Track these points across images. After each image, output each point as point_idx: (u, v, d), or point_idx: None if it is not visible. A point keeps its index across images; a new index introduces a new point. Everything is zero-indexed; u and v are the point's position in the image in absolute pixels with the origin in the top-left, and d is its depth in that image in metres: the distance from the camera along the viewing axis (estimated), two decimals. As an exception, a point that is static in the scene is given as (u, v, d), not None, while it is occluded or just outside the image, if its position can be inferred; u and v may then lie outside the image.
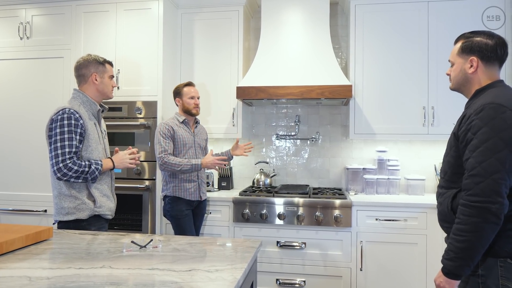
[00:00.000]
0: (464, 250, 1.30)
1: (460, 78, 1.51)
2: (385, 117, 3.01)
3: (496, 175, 1.27)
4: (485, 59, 1.45)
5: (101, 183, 2.02)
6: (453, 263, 1.32)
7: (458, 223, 1.32)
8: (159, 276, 1.18)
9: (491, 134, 1.29)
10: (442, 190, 1.50)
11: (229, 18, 3.20)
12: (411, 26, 2.97)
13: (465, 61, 1.48)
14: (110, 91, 2.11)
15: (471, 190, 1.30)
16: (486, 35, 1.46)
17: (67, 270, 1.23)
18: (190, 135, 2.71)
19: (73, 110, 1.92)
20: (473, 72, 1.47)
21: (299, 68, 3.00)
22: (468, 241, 1.29)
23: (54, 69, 3.12)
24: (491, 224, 1.27)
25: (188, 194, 2.63)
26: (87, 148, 1.96)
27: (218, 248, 1.52)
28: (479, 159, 1.29)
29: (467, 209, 1.30)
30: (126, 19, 3.03)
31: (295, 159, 3.48)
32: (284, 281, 2.77)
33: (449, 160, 1.47)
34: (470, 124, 1.35)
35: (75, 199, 1.93)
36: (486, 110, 1.32)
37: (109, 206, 2.04)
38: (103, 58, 2.10)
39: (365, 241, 2.71)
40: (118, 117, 3.00)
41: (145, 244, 1.50)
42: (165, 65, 3.04)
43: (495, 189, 1.26)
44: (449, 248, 1.34)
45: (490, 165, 1.27)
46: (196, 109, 2.70)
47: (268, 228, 2.82)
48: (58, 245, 1.53)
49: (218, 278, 1.17)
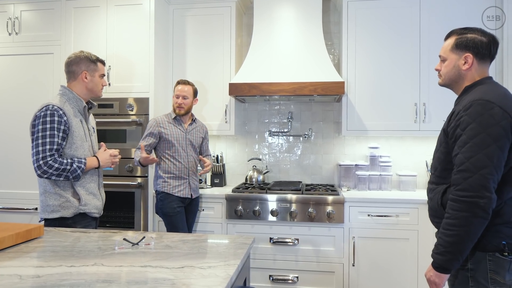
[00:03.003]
0: (453, 244, 1.31)
1: (453, 74, 1.51)
2: (377, 113, 3.03)
3: (484, 170, 1.28)
4: (479, 56, 1.45)
5: (88, 181, 1.98)
6: (443, 257, 1.34)
7: (448, 218, 1.34)
8: (151, 273, 1.18)
9: (479, 130, 1.30)
10: (432, 186, 1.52)
11: (221, 14, 3.18)
12: (403, 23, 2.98)
13: (459, 58, 1.48)
14: (100, 90, 2.08)
15: (460, 185, 1.31)
16: (479, 32, 1.46)
17: (58, 268, 1.22)
18: (182, 132, 2.68)
19: (57, 107, 1.88)
20: (467, 69, 1.47)
21: (291, 65, 3.00)
22: (457, 235, 1.30)
23: (44, 65, 3.08)
24: (480, 218, 1.28)
25: (178, 191, 2.62)
26: (71, 146, 1.92)
27: (211, 245, 1.52)
28: (467, 155, 1.31)
29: (456, 204, 1.32)
30: (117, 15, 3.00)
31: (288, 156, 3.48)
32: (277, 277, 2.78)
33: (439, 156, 1.48)
34: (459, 120, 1.36)
35: (60, 197, 1.90)
36: (474, 106, 1.33)
37: (95, 204, 2.01)
38: (96, 56, 2.07)
39: (358, 237, 2.73)
40: (109, 114, 2.97)
41: (137, 241, 1.49)
42: (157, 62, 3.02)
43: (484, 184, 1.28)
44: (439, 243, 1.36)
45: (478, 160, 1.29)
46: (178, 108, 2.65)
47: (261, 224, 2.82)
48: (49, 243, 1.52)
49: (211, 274, 1.17)
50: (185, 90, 2.67)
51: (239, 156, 3.52)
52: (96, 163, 1.99)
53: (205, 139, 2.86)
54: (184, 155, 2.67)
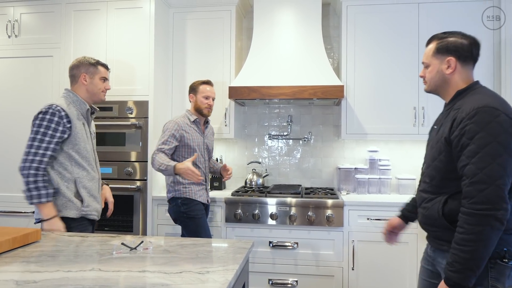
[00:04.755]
0: (471, 261, 1.25)
1: (438, 79, 1.48)
2: (376, 117, 3.02)
3: (500, 180, 1.23)
4: (461, 59, 1.44)
5: (91, 182, 1.99)
6: (460, 274, 1.26)
7: (463, 233, 1.27)
8: (149, 279, 1.17)
9: (489, 139, 1.26)
10: (428, 195, 1.47)
11: (221, 17, 3.18)
12: (402, 27, 2.98)
13: (442, 62, 1.46)
14: (100, 92, 2.07)
15: (475, 197, 1.25)
16: (460, 35, 1.45)
17: (55, 273, 1.21)
18: (200, 136, 2.60)
19: (60, 108, 1.90)
20: (451, 73, 1.45)
21: (291, 68, 3.00)
22: (475, 251, 1.24)
23: (44, 68, 3.08)
24: (497, 231, 1.24)
25: (199, 196, 2.54)
26: (74, 147, 1.93)
27: (209, 249, 1.51)
28: (480, 165, 1.25)
29: (471, 218, 1.25)
30: (117, 18, 3.00)
31: (288, 159, 3.48)
32: (277, 281, 2.77)
33: (437, 165, 1.43)
34: (464, 129, 1.31)
35: (62, 196, 1.90)
36: (480, 114, 1.28)
37: (95, 207, 2.01)
38: (96, 60, 2.08)
39: (357, 240, 2.72)
40: (108, 117, 2.97)
41: (136, 246, 1.48)
42: (157, 65, 3.01)
43: (501, 195, 1.23)
44: (455, 260, 1.28)
45: (493, 170, 1.24)
46: (208, 109, 2.58)
47: (261, 228, 2.81)
48: (47, 247, 1.51)
49: (209, 279, 1.16)
50: (214, 91, 2.64)
51: (239, 159, 3.51)
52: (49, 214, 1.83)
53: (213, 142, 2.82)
54: (202, 161, 2.59)
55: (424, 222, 1.50)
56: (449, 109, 1.45)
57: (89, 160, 2.00)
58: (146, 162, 2.93)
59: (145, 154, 2.94)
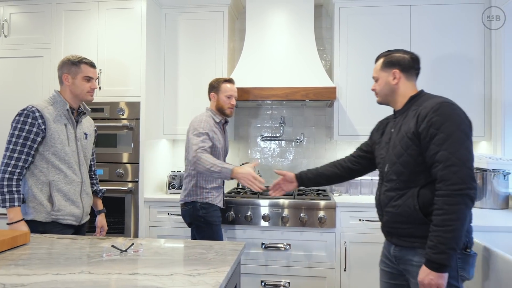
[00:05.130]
0: (453, 239, 1.35)
1: (386, 90, 1.66)
2: (368, 118, 3.03)
3: (469, 163, 1.38)
4: (405, 71, 1.63)
5: (68, 186, 1.93)
6: (445, 255, 1.35)
7: (443, 214, 1.36)
8: (140, 281, 1.16)
9: (454, 128, 1.41)
10: (397, 193, 1.53)
11: (213, 18, 3.18)
12: (394, 29, 3.00)
13: (388, 74, 1.65)
14: (85, 93, 1.98)
15: (451, 179, 1.37)
16: (402, 52, 1.66)
17: (44, 276, 1.19)
18: (222, 138, 2.49)
19: (35, 109, 1.85)
20: (396, 83, 1.63)
21: (284, 70, 3.00)
22: (456, 229, 1.35)
23: (34, 68, 3.04)
24: (469, 209, 1.38)
25: (219, 202, 2.46)
26: (49, 149, 1.88)
27: (201, 251, 1.50)
28: (451, 150, 1.38)
29: (450, 199, 1.36)
30: (109, 18, 2.98)
31: (280, 160, 3.48)
32: (269, 282, 2.77)
33: (406, 160, 1.51)
34: (430, 121, 1.44)
35: (34, 199, 1.86)
36: (443, 107, 1.44)
37: (71, 211, 1.93)
38: (80, 58, 1.99)
39: (349, 241, 2.72)
40: (100, 118, 2.94)
41: (126, 248, 1.47)
42: (149, 66, 3.00)
43: (471, 175, 1.37)
44: (439, 241, 1.36)
45: (462, 154, 1.38)
46: (230, 109, 2.46)
47: (253, 229, 2.81)
48: (36, 250, 1.49)
49: (200, 282, 1.16)
50: (236, 90, 2.51)
51: (231, 160, 3.50)
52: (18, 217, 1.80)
53: None
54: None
55: (394, 220, 1.55)
56: (406, 112, 1.60)
57: (68, 163, 1.93)
58: (138, 164, 2.92)
59: (137, 156, 2.92)
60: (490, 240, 1.89)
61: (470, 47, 2.92)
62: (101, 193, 2.26)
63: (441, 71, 2.94)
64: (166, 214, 2.90)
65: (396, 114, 1.68)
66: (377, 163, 1.72)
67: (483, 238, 1.85)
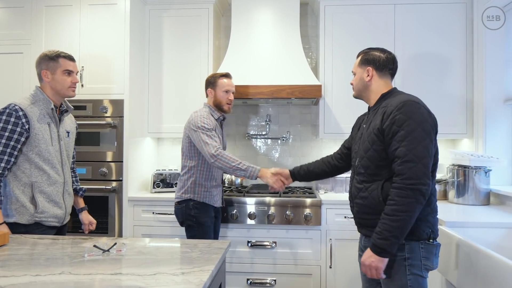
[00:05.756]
0: (398, 229, 1.44)
1: (360, 85, 1.74)
2: (353, 116, 2.99)
3: (425, 160, 1.45)
4: (378, 69, 1.70)
5: (51, 187, 1.88)
6: (388, 241, 1.45)
7: (393, 205, 1.45)
8: (123, 281, 1.14)
9: (415, 126, 1.47)
10: (363, 185, 1.62)
11: (199, 15, 3.15)
12: (379, 28, 3.03)
13: (363, 71, 1.73)
14: (66, 88, 1.92)
15: (405, 174, 1.44)
16: (380, 51, 1.72)
17: (23, 277, 1.16)
18: (221, 136, 2.45)
19: (18, 107, 1.79)
20: (369, 80, 1.71)
21: (269, 68, 3.00)
22: (402, 220, 1.43)
23: (13, 65, 2.96)
24: (420, 204, 1.44)
25: (214, 201, 2.42)
26: (33, 149, 1.82)
27: (185, 250, 1.49)
28: (410, 147, 1.46)
29: (402, 191, 1.44)
30: (91, 14, 2.92)
31: (266, 158, 3.48)
32: (255, 280, 2.76)
33: (371, 154, 1.59)
34: (394, 119, 1.51)
35: (16, 201, 1.80)
36: (406, 106, 1.51)
37: (54, 213, 1.88)
38: (57, 52, 1.92)
39: (334, 239, 2.74)
40: (82, 116, 2.88)
41: (108, 248, 1.44)
42: (132, 63, 2.95)
43: (425, 172, 1.44)
44: (384, 228, 1.46)
45: (419, 151, 1.45)
46: (228, 105, 2.43)
47: (239, 228, 2.80)
48: (15, 251, 1.45)
49: (184, 281, 1.14)
50: (233, 85, 2.46)
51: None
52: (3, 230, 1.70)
53: None
54: None
55: (363, 211, 1.63)
56: (376, 108, 1.67)
57: (52, 163, 1.89)
58: (122, 162, 2.87)
59: (121, 154, 2.87)
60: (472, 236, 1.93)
61: (452, 46, 2.96)
62: (81, 191, 2.21)
63: (424, 69, 2.97)
64: (151, 213, 2.87)
65: (369, 110, 1.76)
66: (352, 157, 1.80)
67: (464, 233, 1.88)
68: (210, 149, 2.21)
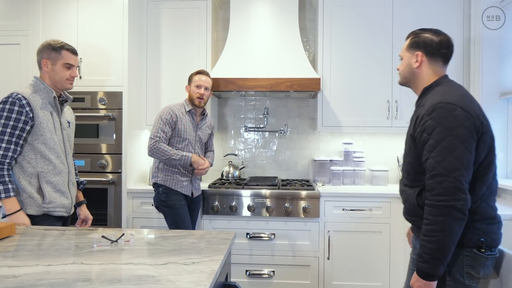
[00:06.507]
0: (437, 250, 1.31)
1: (407, 72, 1.56)
2: (351, 110, 3.09)
3: (457, 172, 1.29)
4: (429, 54, 1.50)
5: (57, 177, 1.88)
6: (429, 265, 1.33)
7: (427, 224, 1.34)
8: (134, 271, 1.16)
9: (445, 133, 1.32)
10: (406, 188, 1.53)
11: (197, 7, 3.13)
12: (377, 22, 3.05)
13: (412, 56, 1.53)
14: (65, 81, 1.92)
15: (435, 190, 1.32)
16: (433, 32, 1.52)
17: (35, 267, 1.17)
18: (194, 127, 2.57)
19: (21, 96, 1.78)
20: (418, 67, 1.52)
21: (268, 60, 3.01)
22: (440, 241, 1.30)
23: (10, 56, 2.93)
24: (458, 220, 1.30)
25: (180, 187, 2.52)
26: (39, 138, 1.82)
27: (192, 240, 1.51)
28: (438, 159, 1.32)
29: (433, 209, 1.32)
30: (89, 6, 2.89)
31: (264, 151, 3.50)
32: (254, 272, 2.80)
33: (409, 160, 1.50)
34: (424, 125, 1.38)
35: (23, 192, 1.80)
36: (437, 110, 1.35)
37: (61, 203, 1.89)
38: (61, 44, 1.91)
39: (332, 230, 2.79)
40: (80, 108, 2.87)
41: (117, 238, 1.45)
42: (131, 55, 2.93)
43: (458, 186, 1.29)
44: (423, 251, 1.34)
45: (450, 163, 1.30)
46: (199, 99, 2.52)
47: (238, 220, 2.83)
48: (22, 241, 1.46)
49: (195, 270, 1.16)
50: (208, 81, 2.56)
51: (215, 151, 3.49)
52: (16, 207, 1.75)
53: (212, 135, 2.76)
54: (191, 151, 2.54)
55: (405, 212, 1.57)
56: (418, 106, 1.52)
57: (57, 152, 1.89)
58: (120, 155, 2.87)
59: (119, 146, 2.87)
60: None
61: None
62: (82, 185, 2.21)
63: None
64: (150, 205, 2.87)
65: (415, 105, 1.57)
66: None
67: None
68: (150, 142, 2.45)
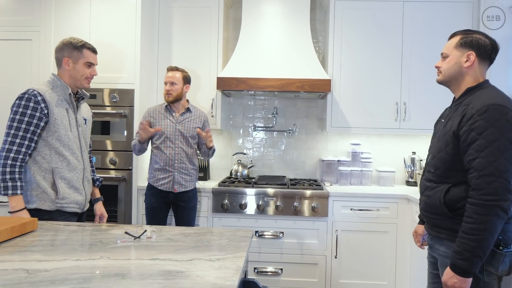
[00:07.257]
0: (479, 248, 1.32)
1: (454, 70, 1.54)
2: (360, 111, 3.12)
3: (507, 174, 1.32)
4: (481, 56, 1.50)
5: (71, 173, 1.89)
6: (469, 262, 1.33)
7: (472, 223, 1.34)
8: (162, 266, 1.18)
9: (498, 135, 1.33)
10: (431, 184, 1.55)
11: (209, 6, 3.15)
12: (387, 24, 3.08)
13: (462, 55, 1.52)
14: (84, 79, 1.95)
15: (484, 189, 1.33)
16: (483, 35, 1.53)
17: (64, 262, 1.19)
18: (171, 122, 2.60)
19: (37, 92, 1.80)
20: (469, 67, 1.51)
21: (278, 61, 3.03)
22: (483, 240, 1.32)
23: (22, 52, 2.94)
24: (502, 220, 1.33)
25: (161, 184, 2.57)
26: (53, 134, 1.83)
27: (212, 238, 1.53)
28: (489, 159, 1.33)
29: (480, 208, 1.33)
30: (102, 3, 2.91)
31: (272, 151, 3.53)
32: (262, 269, 2.83)
33: (443, 156, 1.50)
34: (473, 124, 1.38)
35: (37, 187, 1.82)
36: (490, 111, 1.36)
37: (75, 199, 1.90)
38: (82, 43, 1.94)
39: (340, 230, 2.82)
40: (92, 105, 2.87)
41: (139, 235, 1.48)
42: (143, 53, 2.95)
43: (507, 187, 1.32)
44: (464, 249, 1.35)
45: (501, 164, 1.32)
46: (167, 95, 2.59)
47: (247, 218, 2.85)
48: (45, 236, 1.48)
49: (222, 266, 1.19)
50: (175, 76, 2.59)
51: (224, 150, 3.53)
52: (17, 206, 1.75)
53: (204, 127, 2.71)
54: (171, 146, 2.57)
55: (425, 209, 1.59)
56: (458, 104, 1.52)
57: (72, 149, 1.90)
58: (131, 152, 2.89)
59: (130, 144, 2.88)
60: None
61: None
62: (98, 181, 2.22)
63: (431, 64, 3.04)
64: (160, 203, 2.90)
65: (452, 104, 1.59)
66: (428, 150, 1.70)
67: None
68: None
